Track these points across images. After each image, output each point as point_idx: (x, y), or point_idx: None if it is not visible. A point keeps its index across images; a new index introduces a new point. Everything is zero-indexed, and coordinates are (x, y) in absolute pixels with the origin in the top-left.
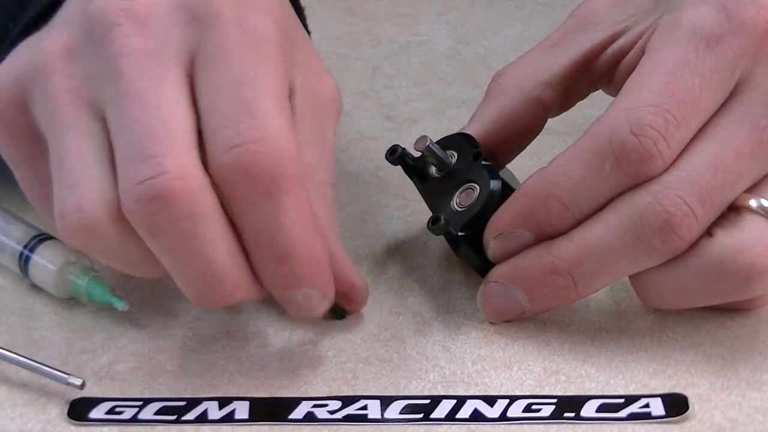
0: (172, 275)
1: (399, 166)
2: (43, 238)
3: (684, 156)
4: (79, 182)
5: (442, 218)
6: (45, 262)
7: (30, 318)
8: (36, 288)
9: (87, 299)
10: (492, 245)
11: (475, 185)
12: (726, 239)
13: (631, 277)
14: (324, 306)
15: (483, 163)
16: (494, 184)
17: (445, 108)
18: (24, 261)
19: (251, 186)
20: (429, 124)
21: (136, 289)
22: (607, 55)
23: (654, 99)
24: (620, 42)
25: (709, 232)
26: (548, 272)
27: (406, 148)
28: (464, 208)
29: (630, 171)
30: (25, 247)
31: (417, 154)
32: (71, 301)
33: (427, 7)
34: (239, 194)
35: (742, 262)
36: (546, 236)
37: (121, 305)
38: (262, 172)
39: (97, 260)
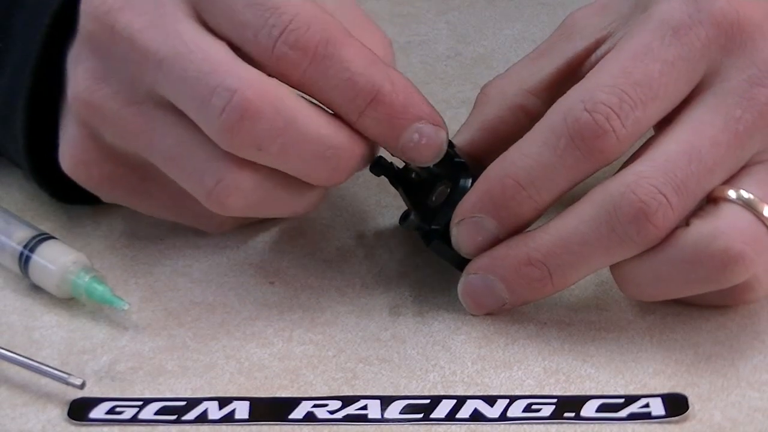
0: (299, 174)
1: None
2: (43, 238)
3: (658, 145)
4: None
5: (412, 214)
6: (45, 262)
7: (30, 318)
8: (36, 288)
9: (87, 299)
10: (454, 232)
11: (449, 182)
12: (701, 227)
13: (611, 268)
14: (442, 135)
15: (456, 160)
16: (464, 180)
17: (445, 108)
18: (24, 261)
19: (309, 60)
20: None
21: (136, 289)
22: (591, 61)
23: (610, 80)
24: (603, 48)
25: (686, 222)
26: (524, 263)
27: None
28: (437, 205)
29: (584, 147)
30: (25, 247)
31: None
32: (71, 301)
33: (427, 7)
34: (305, 73)
35: (716, 248)
36: (507, 222)
37: (121, 305)
38: (311, 42)
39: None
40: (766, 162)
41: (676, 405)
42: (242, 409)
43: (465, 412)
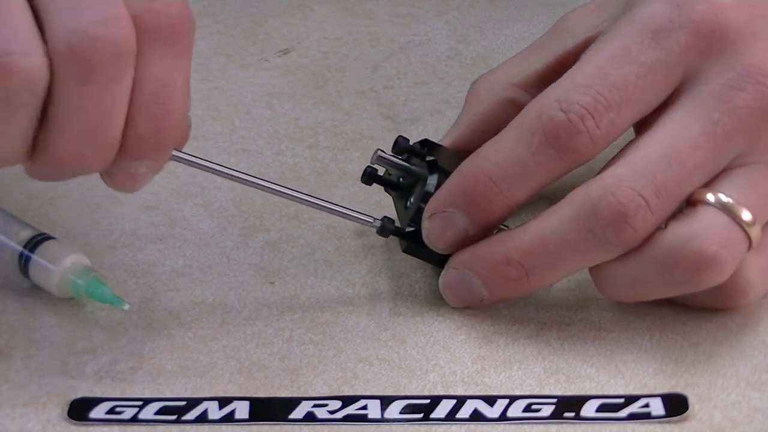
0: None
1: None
2: (43, 238)
3: (637, 148)
4: None
5: (383, 220)
6: (45, 262)
7: (30, 318)
8: (36, 288)
9: (87, 299)
10: (424, 226)
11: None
12: (677, 229)
13: (590, 269)
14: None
15: (427, 159)
16: (430, 178)
17: (445, 108)
18: (24, 261)
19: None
20: (429, 124)
21: (136, 289)
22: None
23: (585, 81)
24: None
25: (664, 225)
26: (501, 262)
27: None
28: (412, 206)
29: (557, 146)
30: (25, 247)
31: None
32: (71, 301)
33: (427, 7)
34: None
35: (690, 250)
36: (478, 218)
37: (121, 305)
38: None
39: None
40: (745, 165)
41: (676, 405)
42: (242, 409)
43: (465, 412)
